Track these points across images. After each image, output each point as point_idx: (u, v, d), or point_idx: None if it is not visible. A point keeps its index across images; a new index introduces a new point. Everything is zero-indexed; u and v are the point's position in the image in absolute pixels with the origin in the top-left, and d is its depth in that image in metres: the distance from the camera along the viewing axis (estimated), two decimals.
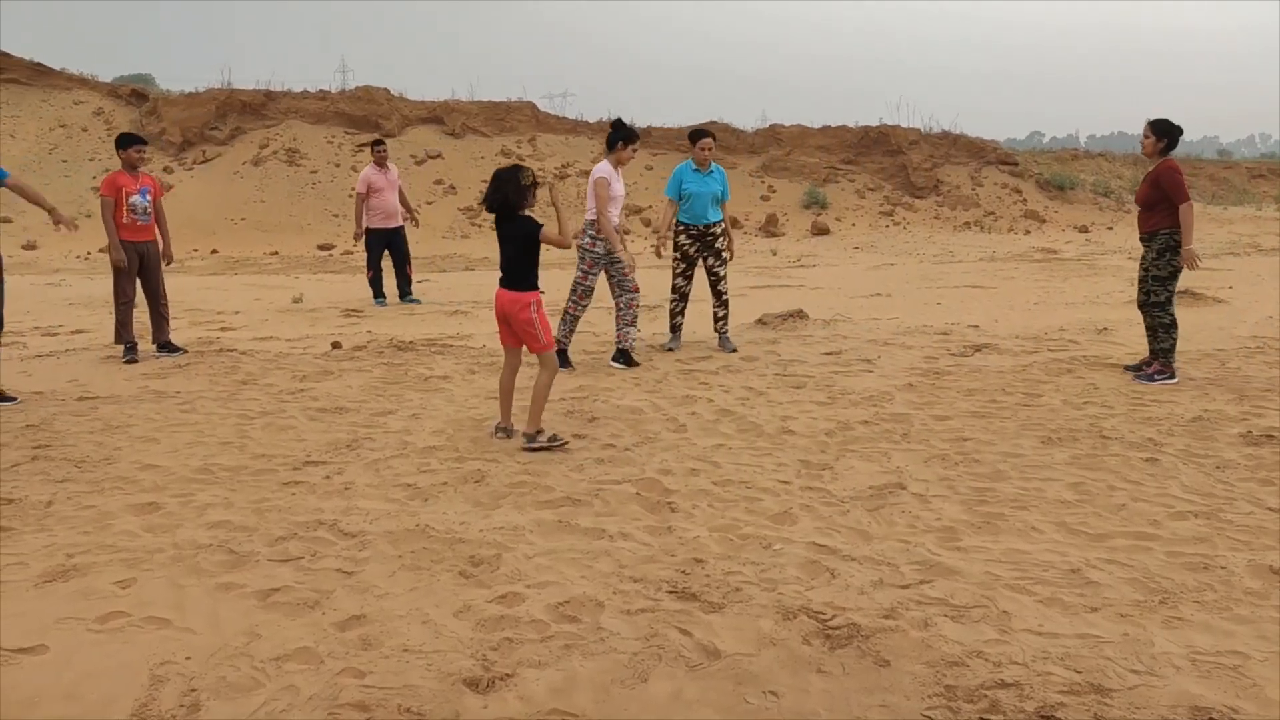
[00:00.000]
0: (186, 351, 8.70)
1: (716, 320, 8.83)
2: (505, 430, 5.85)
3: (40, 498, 4.70)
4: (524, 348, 5.83)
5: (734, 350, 8.63)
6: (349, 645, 3.22)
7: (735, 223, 25.35)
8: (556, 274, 13.89)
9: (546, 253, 11.17)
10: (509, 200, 5.55)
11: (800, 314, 10.45)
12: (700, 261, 8.66)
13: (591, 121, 31.95)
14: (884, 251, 21.76)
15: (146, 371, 7.94)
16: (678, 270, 8.68)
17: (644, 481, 4.95)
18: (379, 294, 12.62)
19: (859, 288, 14.03)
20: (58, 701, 2.89)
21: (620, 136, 7.73)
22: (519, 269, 5.62)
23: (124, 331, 8.44)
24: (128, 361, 8.28)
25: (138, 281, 8.69)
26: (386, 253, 12.70)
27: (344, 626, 3.36)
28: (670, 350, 8.62)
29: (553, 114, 31.94)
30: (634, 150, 7.83)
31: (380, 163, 12.66)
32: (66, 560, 3.92)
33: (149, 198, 8.71)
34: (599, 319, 10.55)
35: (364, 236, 12.71)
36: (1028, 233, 26.88)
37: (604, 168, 7.71)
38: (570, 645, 3.21)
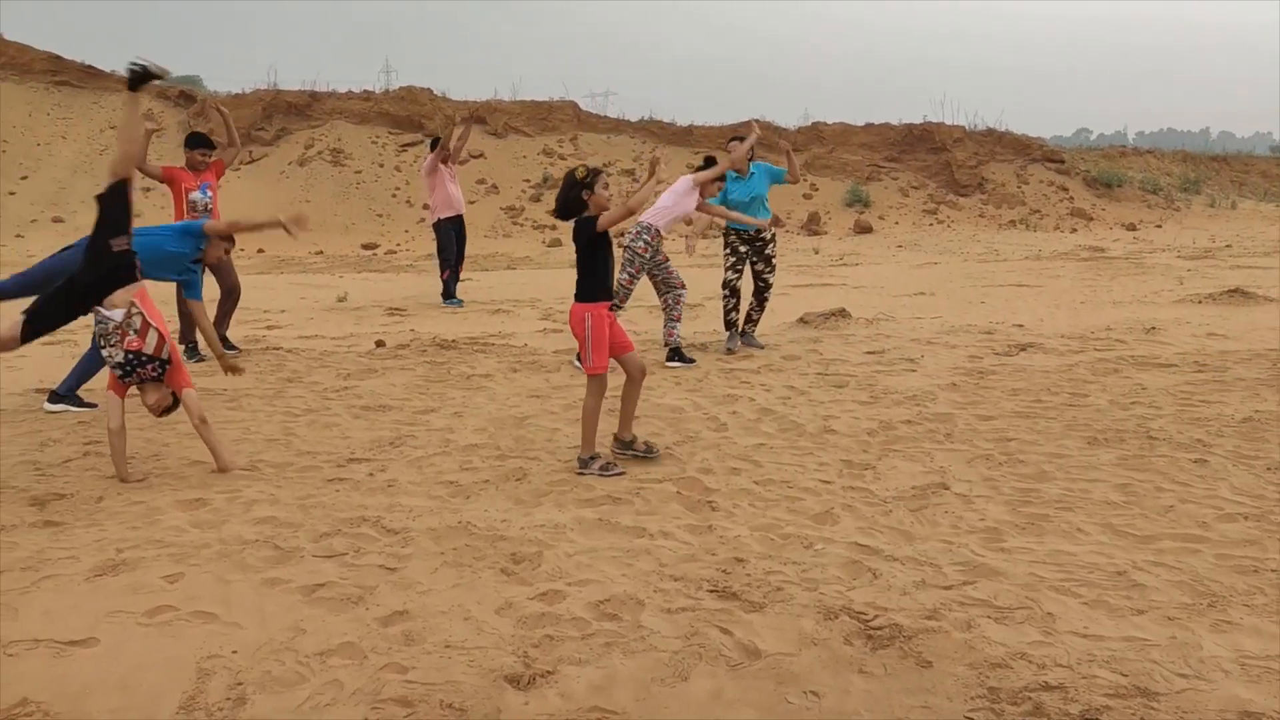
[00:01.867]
0: (240, 350, 8.74)
1: (750, 320, 8.88)
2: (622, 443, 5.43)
3: (91, 493, 4.79)
4: (620, 362, 5.34)
5: (761, 347, 8.70)
6: (392, 641, 3.24)
7: (777, 220, 25.25)
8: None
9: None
10: (562, 206, 5.25)
11: (843, 313, 10.40)
12: (749, 263, 8.71)
13: (634, 120, 31.99)
14: (927, 250, 21.58)
15: (194, 369, 8.03)
16: (728, 265, 8.74)
17: (685, 480, 4.95)
18: (452, 294, 12.45)
19: (902, 286, 13.92)
20: (108, 693, 2.94)
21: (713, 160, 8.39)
22: (579, 275, 5.22)
23: (190, 331, 8.42)
24: (196, 361, 8.30)
25: (211, 276, 8.44)
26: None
27: (387, 622, 3.39)
28: (731, 351, 8.56)
29: (595, 113, 32.03)
30: (721, 185, 8.44)
31: (445, 159, 12.91)
32: (116, 555, 3.98)
33: (210, 193, 8.76)
34: (637, 316, 10.56)
35: (437, 229, 12.65)
36: (1074, 231, 26.55)
37: (684, 183, 8.26)
38: (611, 643, 3.22)
